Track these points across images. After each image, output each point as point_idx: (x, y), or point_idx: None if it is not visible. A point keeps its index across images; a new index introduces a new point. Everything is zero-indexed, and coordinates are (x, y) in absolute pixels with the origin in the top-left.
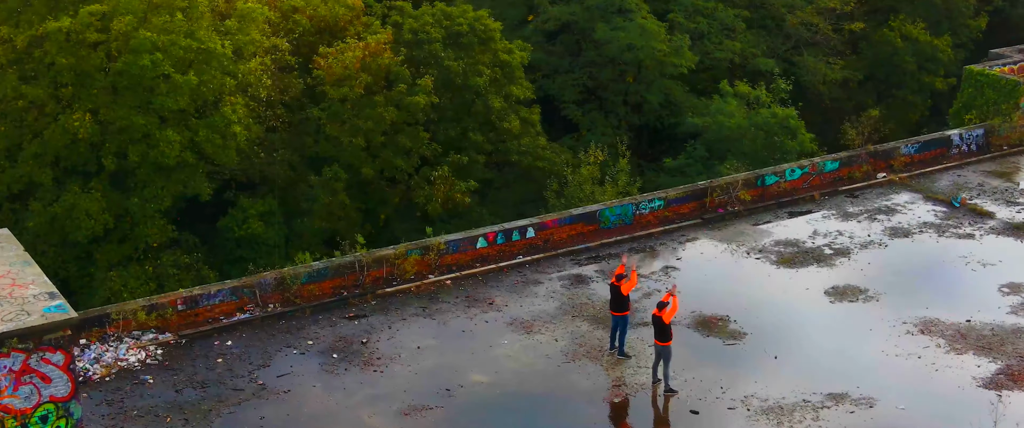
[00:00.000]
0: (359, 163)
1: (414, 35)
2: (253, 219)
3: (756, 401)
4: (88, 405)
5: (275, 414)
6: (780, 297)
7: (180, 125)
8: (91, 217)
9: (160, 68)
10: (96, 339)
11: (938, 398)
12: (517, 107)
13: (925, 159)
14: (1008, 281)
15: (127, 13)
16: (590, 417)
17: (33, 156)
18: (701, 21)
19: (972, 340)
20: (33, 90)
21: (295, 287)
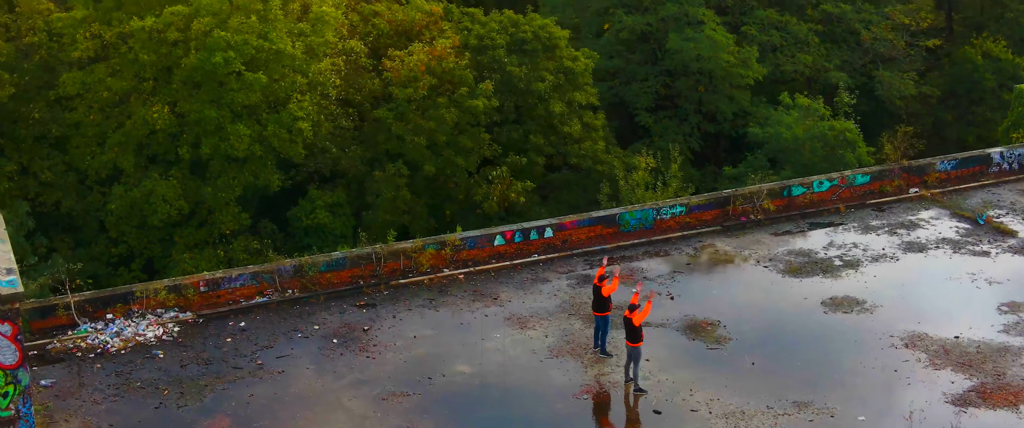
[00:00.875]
0: (423, 160)
1: (479, 41)
2: (320, 210)
3: (719, 405)
4: (99, 374)
5: (264, 392)
6: (776, 305)
7: (251, 120)
8: (167, 202)
9: (232, 66)
10: (121, 315)
11: (903, 411)
12: (581, 112)
13: (962, 176)
14: (1010, 300)
15: (207, 14)
16: (557, 411)
17: (117, 144)
18: (774, 34)
19: (954, 356)
20: (118, 83)
21: (312, 275)
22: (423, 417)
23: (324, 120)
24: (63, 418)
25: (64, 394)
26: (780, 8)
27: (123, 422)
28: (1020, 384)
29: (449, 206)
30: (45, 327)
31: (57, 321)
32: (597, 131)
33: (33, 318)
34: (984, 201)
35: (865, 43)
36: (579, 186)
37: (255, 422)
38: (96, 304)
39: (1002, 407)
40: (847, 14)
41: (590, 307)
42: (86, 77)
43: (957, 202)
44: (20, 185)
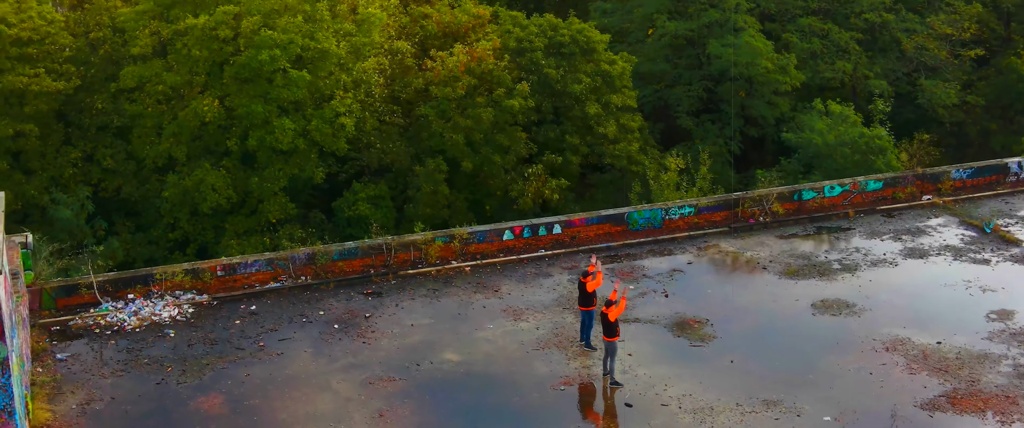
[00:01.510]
0: (462, 157)
1: (519, 43)
2: (362, 202)
3: (690, 401)
4: (111, 350)
5: (259, 372)
6: (766, 306)
7: (297, 115)
8: (216, 191)
9: (277, 63)
10: (141, 295)
11: (869, 414)
12: (618, 114)
13: (978, 184)
14: (1000, 308)
15: (256, 13)
16: (532, 401)
17: (172, 135)
18: (815, 41)
19: (932, 362)
20: (172, 77)
21: (325, 263)
22: (404, 402)
23: (369, 116)
24: (70, 390)
25: (76, 367)
26: (824, 16)
27: (124, 396)
28: (992, 391)
29: (489, 202)
30: (70, 304)
31: (81, 300)
32: (633, 132)
33: (59, 296)
34: (996, 210)
35: (908, 52)
36: (614, 185)
37: (246, 400)
38: (118, 285)
39: (969, 413)
40: (891, 23)
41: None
42: (144, 71)
43: (968, 210)
44: (84, 171)
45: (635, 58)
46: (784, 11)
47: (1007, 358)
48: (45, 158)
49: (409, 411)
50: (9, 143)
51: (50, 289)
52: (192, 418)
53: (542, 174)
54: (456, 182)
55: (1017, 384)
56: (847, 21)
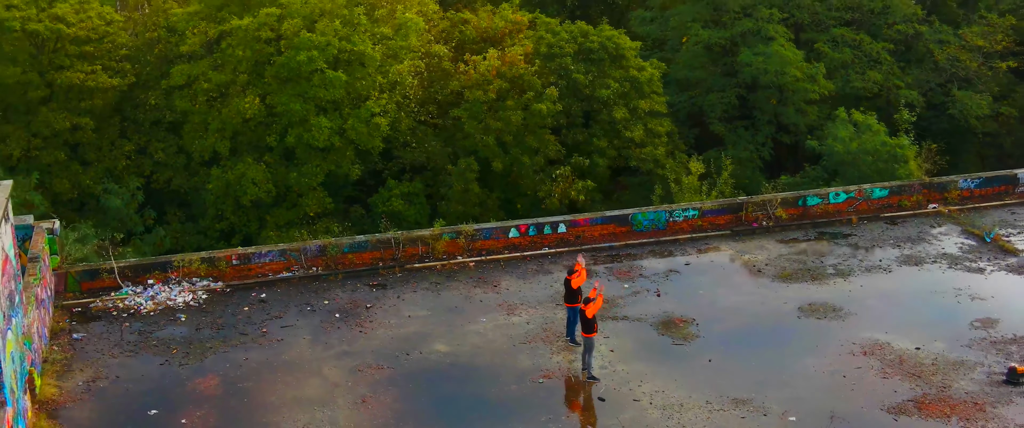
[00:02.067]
0: (493, 157)
1: (549, 49)
2: (396, 198)
3: (661, 397)
4: (124, 332)
5: (257, 357)
6: (754, 308)
7: (334, 114)
8: (256, 184)
9: (314, 64)
10: (160, 281)
11: (836, 416)
12: (646, 119)
13: (986, 194)
14: (986, 317)
15: (297, 16)
16: (510, 392)
17: (216, 130)
18: (846, 51)
19: (907, 367)
20: (217, 75)
21: (335, 255)
22: (388, 389)
23: (405, 117)
24: (79, 368)
25: (89, 347)
26: (857, 28)
27: (128, 375)
28: (961, 398)
29: (520, 201)
30: (93, 287)
31: (103, 283)
32: (660, 137)
33: (83, 279)
34: (1001, 220)
35: (941, 63)
36: (643, 188)
37: (240, 383)
38: (138, 270)
39: (934, 418)
40: (925, 34)
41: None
42: (192, 69)
43: (972, 220)
44: (137, 163)
45: (664, 65)
46: (818, 22)
47: (982, 366)
48: (101, 150)
49: (391, 398)
50: (67, 135)
51: (75, 273)
52: (187, 398)
53: (569, 176)
54: (489, 182)
55: (987, 391)
56: (880, 32)
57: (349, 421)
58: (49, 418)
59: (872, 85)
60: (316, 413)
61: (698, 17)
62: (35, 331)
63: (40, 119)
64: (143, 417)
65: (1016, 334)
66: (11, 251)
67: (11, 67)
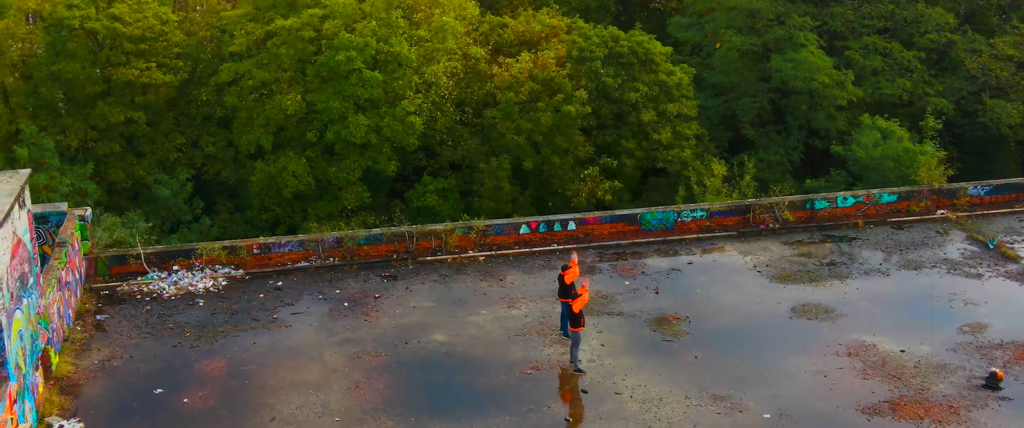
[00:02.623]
0: (524, 156)
1: (581, 52)
2: (430, 193)
3: (643, 391)
4: (145, 315)
5: (264, 341)
6: (748, 307)
7: (373, 112)
8: (296, 177)
9: (353, 64)
10: (184, 267)
11: (810, 413)
12: (675, 121)
13: (996, 202)
14: (975, 321)
15: (337, 17)
16: (498, 382)
17: (261, 125)
18: (876, 59)
19: (889, 369)
20: (262, 73)
21: (352, 246)
22: (381, 376)
23: (441, 116)
24: (97, 347)
25: (110, 328)
26: (889, 36)
27: (142, 354)
28: (936, 400)
29: (553, 199)
30: (122, 272)
31: (131, 268)
32: (689, 139)
33: (112, 264)
34: (1008, 227)
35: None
36: (672, 189)
37: (244, 366)
38: (164, 257)
39: (906, 419)
40: (958, 43)
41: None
42: (239, 67)
43: (979, 226)
44: (188, 156)
45: (693, 70)
46: (851, 29)
47: (964, 370)
48: (154, 142)
49: (383, 384)
50: (122, 128)
51: (105, 258)
52: (193, 378)
53: (597, 176)
54: (523, 180)
55: (964, 395)
56: (912, 41)
57: (339, 405)
58: (61, 393)
59: (902, 92)
60: (310, 396)
61: (733, 23)
62: (55, 311)
63: (97, 112)
64: (149, 395)
65: (1003, 340)
66: (26, 236)
67: (71, 63)
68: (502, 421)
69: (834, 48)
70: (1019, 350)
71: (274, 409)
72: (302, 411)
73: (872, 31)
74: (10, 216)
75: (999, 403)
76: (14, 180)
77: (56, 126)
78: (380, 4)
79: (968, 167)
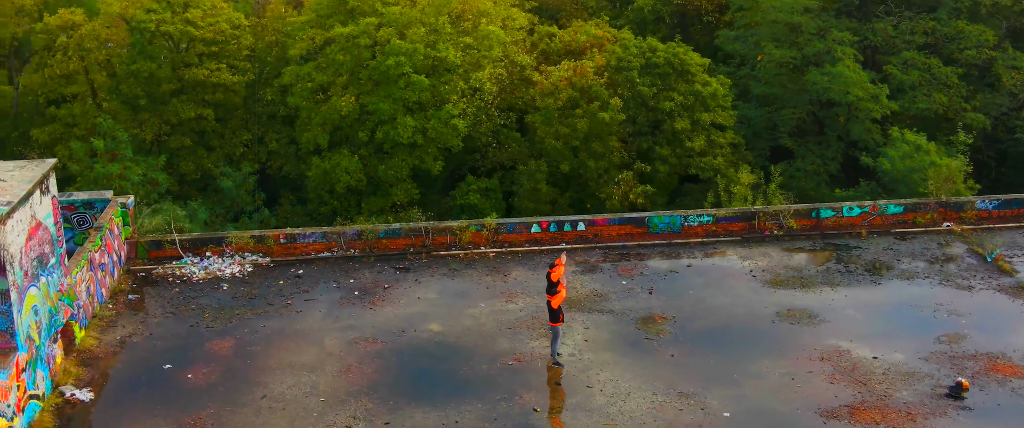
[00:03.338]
0: (561, 160)
1: (619, 62)
2: (472, 193)
3: (613, 385)
4: (172, 296)
5: (273, 325)
6: (735, 310)
7: (421, 114)
8: (349, 173)
9: (402, 68)
10: (216, 254)
11: (769, 414)
12: (710, 130)
13: (1004, 216)
14: (955, 332)
15: (391, 25)
16: (479, 371)
17: (318, 124)
18: (913, 74)
19: (858, 374)
20: (320, 76)
21: (372, 239)
22: (372, 361)
23: (486, 119)
24: (122, 324)
25: (138, 307)
26: (928, 51)
27: (161, 333)
28: (896, 406)
29: (590, 201)
30: (159, 256)
31: (168, 253)
32: (722, 148)
33: (151, 249)
34: (1012, 241)
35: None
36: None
37: (250, 346)
38: (197, 243)
39: (862, 424)
40: (998, 60)
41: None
42: (299, 70)
43: (982, 239)
44: (254, 151)
45: (729, 81)
46: (892, 45)
47: (931, 378)
48: (223, 138)
49: (372, 369)
50: (193, 124)
51: (144, 242)
52: (201, 356)
53: (631, 180)
54: (564, 182)
55: (925, 402)
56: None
57: (327, 386)
58: (80, 365)
59: (938, 106)
60: (303, 377)
61: (775, 36)
62: (83, 290)
63: (170, 109)
64: (158, 370)
65: (979, 351)
66: (48, 220)
67: (148, 62)
68: (474, 408)
69: (875, 63)
70: (992, 362)
71: (267, 387)
72: (292, 390)
73: (913, 47)
74: (28, 201)
75: (958, 412)
76: (38, 168)
77: (134, 121)
78: (430, 12)
79: (1012, 181)
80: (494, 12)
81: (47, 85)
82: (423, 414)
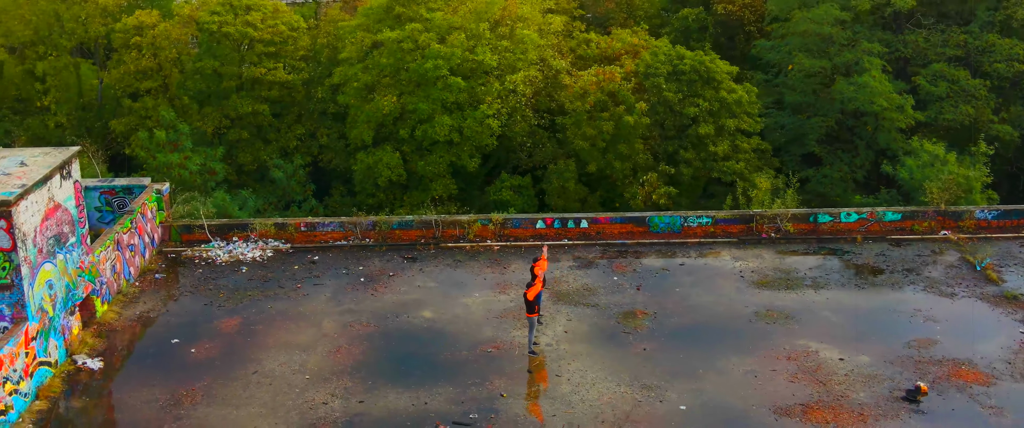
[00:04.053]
0: (589, 160)
1: (647, 68)
2: (505, 189)
3: (579, 374)
4: (194, 276)
5: (279, 306)
6: (716, 308)
7: (458, 114)
8: (389, 168)
9: (440, 71)
10: (242, 239)
11: (724, 409)
12: (735, 135)
13: (1003, 226)
14: (926, 337)
15: (433, 31)
16: (458, 357)
17: (363, 122)
18: (942, 85)
19: (820, 375)
20: (365, 77)
21: (385, 230)
22: (361, 343)
23: (519, 119)
24: (143, 301)
25: (161, 285)
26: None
27: (176, 309)
28: (850, 407)
29: (618, 201)
30: (190, 239)
31: (198, 237)
32: (746, 153)
33: (183, 232)
34: (1006, 251)
35: None
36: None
37: (253, 325)
38: (224, 229)
39: (813, 422)
40: None
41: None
42: (347, 71)
43: (977, 248)
44: (306, 145)
45: (755, 89)
46: (923, 57)
47: (890, 381)
48: (279, 132)
49: (360, 350)
50: (250, 118)
51: (177, 226)
52: (207, 332)
53: (655, 181)
54: (594, 182)
55: (880, 405)
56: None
57: (315, 364)
58: (96, 337)
59: (965, 118)
60: (294, 355)
61: (807, 47)
62: (108, 267)
63: (230, 104)
64: (166, 344)
65: (945, 357)
66: (68, 202)
67: (212, 61)
68: (445, 391)
69: (906, 74)
70: (956, 368)
71: (260, 364)
72: (282, 367)
73: (944, 59)
74: (46, 184)
75: (910, 415)
76: (60, 155)
77: (199, 114)
78: (471, 18)
79: None
80: (532, 17)
81: (124, 80)
82: (396, 395)
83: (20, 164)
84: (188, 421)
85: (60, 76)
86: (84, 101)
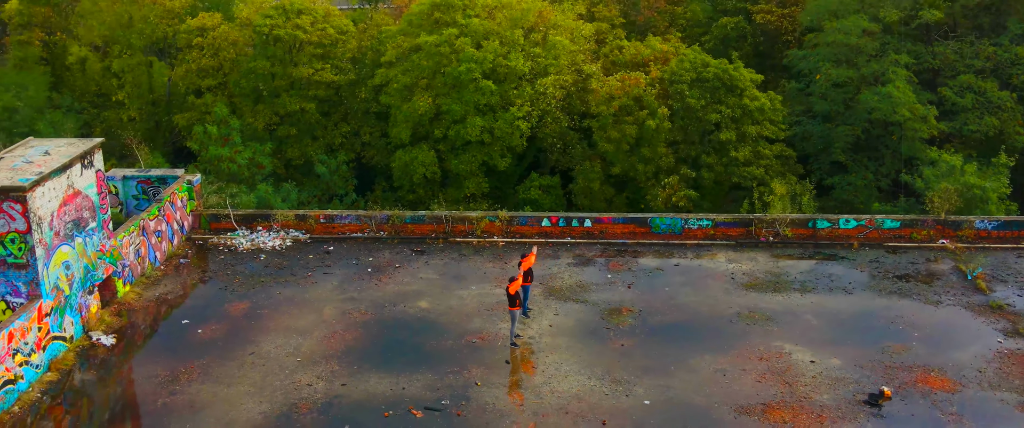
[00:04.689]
0: (614, 161)
1: (671, 75)
2: (533, 188)
3: (554, 366)
4: (215, 262)
5: (288, 293)
6: (701, 308)
7: (490, 115)
8: (424, 166)
9: (472, 74)
10: (266, 228)
11: (687, 405)
12: (758, 141)
13: (1003, 237)
14: (901, 343)
15: (469, 36)
16: (444, 346)
17: (401, 121)
18: (967, 97)
19: (787, 376)
20: (404, 78)
21: (399, 223)
22: (355, 329)
23: (550, 122)
24: (164, 283)
25: (183, 269)
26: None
27: (194, 293)
28: (810, 408)
29: (642, 202)
30: (218, 228)
31: (225, 225)
32: (767, 159)
33: (212, 221)
34: (1002, 262)
35: None
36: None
37: (260, 310)
38: (249, 218)
39: (771, 422)
40: None
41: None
42: (388, 73)
43: (971, 258)
44: (350, 143)
45: (779, 97)
46: (951, 68)
47: (857, 385)
48: (326, 129)
49: (352, 336)
50: (299, 115)
51: (206, 215)
52: (216, 315)
53: (676, 184)
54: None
55: (841, 407)
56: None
57: (309, 348)
58: (113, 315)
59: (990, 129)
60: (291, 339)
61: (835, 56)
62: (132, 251)
63: (279, 102)
64: (176, 324)
65: (916, 363)
66: (90, 189)
67: (264, 62)
68: (425, 378)
69: (934, 85)
70: (925, 374)
71: (258, 345)
72: (277, 350)
73: (972, 70)
74: (65, 172)
75: (869, 418)
76: (83, 145)
77: (252, 111)
78: (506, 25)
79: None
80: (564, 23)
81: (188, 78)
82: (378, 379)
83: (44, 153)
84: (181, 396)
85: (134, 73)
86: (154, 96)
